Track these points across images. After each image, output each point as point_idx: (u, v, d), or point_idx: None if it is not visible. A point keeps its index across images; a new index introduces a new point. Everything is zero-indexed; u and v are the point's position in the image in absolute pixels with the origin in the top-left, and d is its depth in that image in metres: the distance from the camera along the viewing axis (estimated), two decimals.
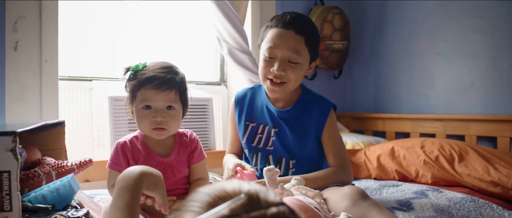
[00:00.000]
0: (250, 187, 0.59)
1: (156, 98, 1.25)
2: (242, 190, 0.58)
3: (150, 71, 1.28)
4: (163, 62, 1.35)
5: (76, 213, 1.09)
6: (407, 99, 2.74)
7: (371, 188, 1.80)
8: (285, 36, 1.42)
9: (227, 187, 0.59)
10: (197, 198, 0.59)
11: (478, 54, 2.37)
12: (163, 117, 1.26)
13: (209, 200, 0.57)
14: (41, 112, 1.74)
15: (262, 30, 1.51)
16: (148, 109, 1.26)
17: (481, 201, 1.59)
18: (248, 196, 0.56)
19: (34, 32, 1.72)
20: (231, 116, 1.64)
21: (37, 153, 1.39)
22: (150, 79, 1.26)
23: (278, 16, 1.48)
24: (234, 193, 0.57)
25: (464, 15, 2.42)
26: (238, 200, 0.56)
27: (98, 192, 1.62)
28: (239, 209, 0.55)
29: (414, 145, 2.03)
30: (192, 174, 1.37)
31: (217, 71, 2.63)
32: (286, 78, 1.44)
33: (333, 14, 2.73)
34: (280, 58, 1.42)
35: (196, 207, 0.57)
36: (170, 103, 1.27)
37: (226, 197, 0.57)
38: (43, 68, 1.74)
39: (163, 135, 1.31)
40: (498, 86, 2.30)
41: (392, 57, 2.82)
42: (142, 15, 2.29)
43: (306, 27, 1.44)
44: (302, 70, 1.45)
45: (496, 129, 2.22)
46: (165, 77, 1.27)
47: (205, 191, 0.59)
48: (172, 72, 1.30)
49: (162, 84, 1.26)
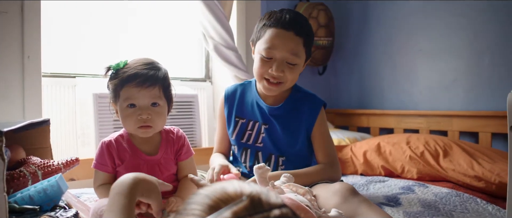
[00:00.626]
0: (251, 189, 0.58)
1: (140, 95, 1.23)
2: (244, 192, 0.57)
3: (131, 68, 1.25)
4: (145, 59, 1.31)
5: (65, 214, 1.07)
6: (391, 95, 2.77)
7: (358, 184, 1.82)
8: (285, 38, 1.39)
9: (228, 189, 0.58)
10: (197, 200, 0.58)
11: (460, 52, 2.42)
12: (148, 115, 1.23)
13: (210, 203, 0.56)
14: (24, 110, 1.70)
15: (259, 27, 1.47)
16: (133, 108, 1.24)
17: (465, 195, 1.62)
18: (250, 198, 0.56)
19: (16, 27, 1.67)
20: (220, 113, 1.62)
21: (21, 152, 1.35)
22: (132, 76, 1.23)
23: (275, 14, 1.44)
24: (235, 195, 0.57)
25: (447, 13, 2.46)
26: (240, 202, 0.55)
27: (84, 191, 1.59)
28: (242, 211, 0.54)
29: (400, 141, 2.06)
30: (180, 171, 1.36)
31: (202, 67, 2.61)
32: (284, 79, 1.43)
33: (318, 10, 2.74)
34: (279, 59, 1.41)
35: (197, 210, 0.56)
36: (155, 100, 1.25)
37: (227, 199, 0.56)
38: (25, 64, 1.70)
39: (149, 133, 1.28)
40: (479, 83, 2.34)
41: (376, 53, 2.85)
42: (126, 11, 2.25)
43: (305, 28, 1.43)
44: (299, 70, 1.45)
45: (477, 124, 2.27)
46: (147, 74, 1.24)
47: (205, 193, 0.58)
48: (154, 68, 1.27)
49: (145, 81, 1.23)
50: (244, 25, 2.53)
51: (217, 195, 0.57)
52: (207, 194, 0.58)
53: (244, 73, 2.33)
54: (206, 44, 2.32)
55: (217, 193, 0.57)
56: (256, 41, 1.48)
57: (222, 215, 0.53)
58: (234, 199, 0.56)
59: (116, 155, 1.28)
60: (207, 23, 2.24)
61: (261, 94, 1.55)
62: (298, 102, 1.53)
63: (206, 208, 0.56)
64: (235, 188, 0.58)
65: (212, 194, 0.57)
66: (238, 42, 2.47)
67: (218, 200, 0.56)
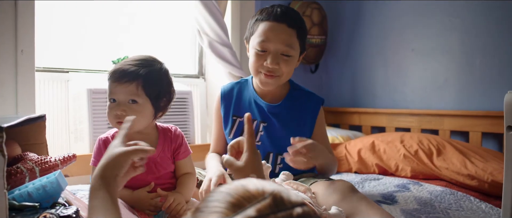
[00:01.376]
0: (272, 187, 0.59)
1: (116, 90, 1.23)
2: (266, 190, 0.58)
3: (119, 64, 1.25)
4: (141, 55, 1.29)
5: (66, 211, 1.05)
6: (383, 94, 2.79)
7: (353, 182, 1.83)
8: (277, 30, 1.41)
9: (249, 187, 0.58)
10: (219, 198, 0.58)
11: (452, 52, 2.45)
12: (123, 111, 1.22)
13: (232, 200, 0.56)
14: (17, 105, 1.66)
15: (251, 23, 1.49)
16: (114, 102, 1.24)
17: (459, 193, 1.65)
18: (273, 196, 0.57)
19: (9, 20, 1.63)
20: (216, 112, 1.61)
21: (17, 148, 1.32)
22: (113, 72, 1.24)
23: (267, 9, 1.46)
24: (257, 193, 0.57)
25: (439, 13, 2.49)
26: (263, 200, 0.56)
27: (79, 187, 1.56)
28: (265, 209, 0.55)
29: (394, 139, 2.08)
30: (178, 169, 1.36)
31: (195, 64, 2.59)
32: (279, 72, 1.43)
33: (311, 9, 2.74)
34: (273, 52, 1.42)
35: (220, 207, 0.56)
36: (132, 97, 1.22)
37: (250, 197, 0.57)
38: (18, 58, 1.66)
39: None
40: (470, 83, 2.38)
41: (368, 52, 2.87)
42: (120, 7, 2.22)
43: (297, 20, 1.44)
44: (294, 63, 1.46)
45: (468, 124, 2.31)
46: (127, 70, 1.22)
47: (226, 191, 0.59)
48: (139, 65, 1.24)
49: (121, 77, 1.22)
50: (238, 22, 2.52)
51: (239, 193, 0.57)
52: (228, 192, 0.58)
53: (238, 70, 2.32)
54: (201, 40, 2.30)
55: (239, 191, 0.58)
56: (249, 37, 1.49)
57: (246, 213, 0.54)
58: (256, 197, 0.56)
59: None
60: (202, 20, 2.23)
61: (258, 91, 1.54)
62: (298, 100, 1.53)
63: (229, 206, 0.56)
64: (256, 186, 0.59)
65: (234, 192, 0.58)
66: (233, 39, 2.46)
67: (241, 198, 0.56)
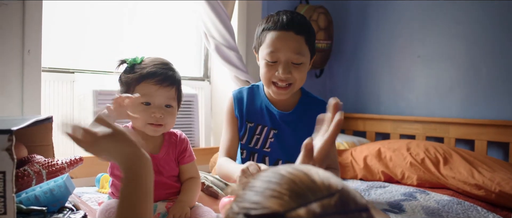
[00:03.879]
0: (339, 183, 0.54)
1: (157, 94, 1.23)
2: (333, 186, 0.53)
3: (150, 66, 1.26)
4: (161, 58, 1.33)
5: (74, 216, 1.04)
6: (387, 100, 2.78)
7: (359, 188, 1.82)
8: (285, 39, 1.39)
9: (314, 177, 0.53)
10: (280, 181, 0.53)
11: (458, 59, 2.44)
12: (162, 114, 1.24)
13: (296, 188, 0.52)
14: (23, 105, 1.65)
15: (258, 33, 1.47)
16: (147, 105, 1.24)
17: (466, 203, 1.64)
18: (340, 195, 0.52)
19: (16, 20, 1.62)
20: (230, 115, 1.56)
21: (23, 150, 1.31)
22: (152, 74, 1.23)
23: (272, 17, 1.44)
24: (324, 187, 0.52)
25: (446, 20, 2.48)
26: (329, 196, 0.51)
27: (84, 190, 1.55)
28: (331, 208, 0.50)
29: (400, 147, 2.06)
30: (183, 174, 1.35)
31: (201, 66, 2.58)
32: (292, 80, 1.42)
33: (318, 14, 2.73)
34: (284, 61, 1.40)
35: (280, 193, 0.51)
36: (169, 101, 1.26)
37: (315, 190, 0.52)
38: (25, 58, 1.65)
39: (159, 132, 1.29)
40: (476, 91, 2.37)
41: (373, 58, 2.86)
42: (126, 8, 2.21)
43: (304, 25, 1.43)
44: (305, 68, 1.45)
45: (474, 132, 2.30)
46: (166, 73, 1.25)
47: (290, 177, 0.53)
48: (171, 69, 1.30)
49: (164, 80, 1.24)
50: (245, 25, 2.51)
51: (304, 182, 0.52)
52: (292, 178, 0.53)
53: (244, 74, 2.31)
54: (207, 43, 2.29)
55: (303, 180, 0.53)
56: (258, 48, 1.47)
57: (310, 207, 0.50)
58: (322, 190, 0.52)
59: None
60: (209, 23, 2.22)
61: (270, 98, 1.53)
62: (309, 108, 1.52)
63: (292, 194, 0.51)
64: (321, 178, 0.54)
65: (299, 179, 0.53)
66: (239, 42, 2.45)
67: (306, 189, 0.52)
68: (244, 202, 0.53)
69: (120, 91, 1.30)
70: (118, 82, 1.31)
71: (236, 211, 0.53)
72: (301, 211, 0.50)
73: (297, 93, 1.55)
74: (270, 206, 0.51)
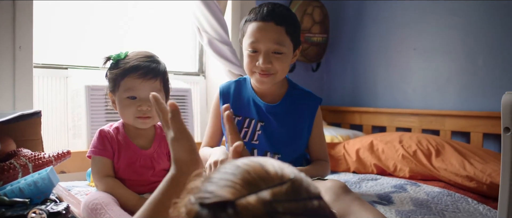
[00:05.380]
0: (292, 172, 0.56)
1: (141, 87, 1.25)
2: (285, 175, 0.55)
3: (133, 60, 1.28)
4: (145, 52, 1.34)
5: (56, 208, 1.05)
6: (384, 93, 2.77)
7: (351, 181, 1.82)
8: (265, 29, 1.41)
9: (268, 168, 0.56)
10: (234, 171, 0.55)
11: (454, 51, 2.43)
12: (148, 106, 1.26)
13: (249, 178, 0.54)
14: (14, 101, 1.67)
15: (242, 24, 1.51)
16: (133, 99, 1.26)
17: (457, 195, 1.63)
18: (292, 183, 0.54)
19: (7, 16, 1.64)
20: (215, 108, 1.61)
21: (12, 144, 1.33)
22: (134, 67, 1.25)
23: (255, 9, 1.47)
24: (276, 176, 0.54)
25: (442, 12, 2.47)
26: (281, 185, 0.53)
27: (75, 184, 1.57)
28: (282, 195, 0.52)
29: (393, 139, 2.06)
30: None
31: (196, 61, 2.59)
32: (273, 70, 1.43)
33: (313, 7, 2.73)
34: (264, 51, 1.42)
35: (233, 182, 0.53)
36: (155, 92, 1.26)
37: (267, 179, 0.54)
38: (16, 54, 1.67)
39: (147, 124, 1.31)
40: (472, 83, 2.36)
41: (369, 51, 2.85)
42: (119, 2, 2.22)
43: (285, 16, 1.44)
44: (287, 59, 1.45)
45: (470, 124, 2.28)
46: (149, 66, 1.27)
47: (243, 166, 0.56)
48: (155, 61, 1.31)
49: (147, 73, 1.25)
50: (239, 19, 2.51)
51: (257, 172, 0.55)
52: (246, 168, 0.55)
53: (238, 68, 2.32)
54: (201, 38, 2.30)
55: (257, 169, 0.55)
56: (242, 39, 1.50)
57: (260, 194, 0.51)
58: (274, 180, 0.54)
59: (112, 143, 1.30)
60: (202, 17, 2.22)
61: (257, 91, 1.54)
62: (296, 100, 1.53)
63: (244, 183, 0.53)
64: (275, 168, 0.56)
65: (252, 170, 0.55)
66: (233, 37, 2.45)
67: (258, 178, 0.54)
68: (200, 192, 0.55)
69: (108, 87, 1.32)
70: (105, 78, 1.33)
71: (192, 202, 0.55)
72: (251, 198, 0.51)
73: (284, 85, 1.55)
74: (222, 195, 0.53)
